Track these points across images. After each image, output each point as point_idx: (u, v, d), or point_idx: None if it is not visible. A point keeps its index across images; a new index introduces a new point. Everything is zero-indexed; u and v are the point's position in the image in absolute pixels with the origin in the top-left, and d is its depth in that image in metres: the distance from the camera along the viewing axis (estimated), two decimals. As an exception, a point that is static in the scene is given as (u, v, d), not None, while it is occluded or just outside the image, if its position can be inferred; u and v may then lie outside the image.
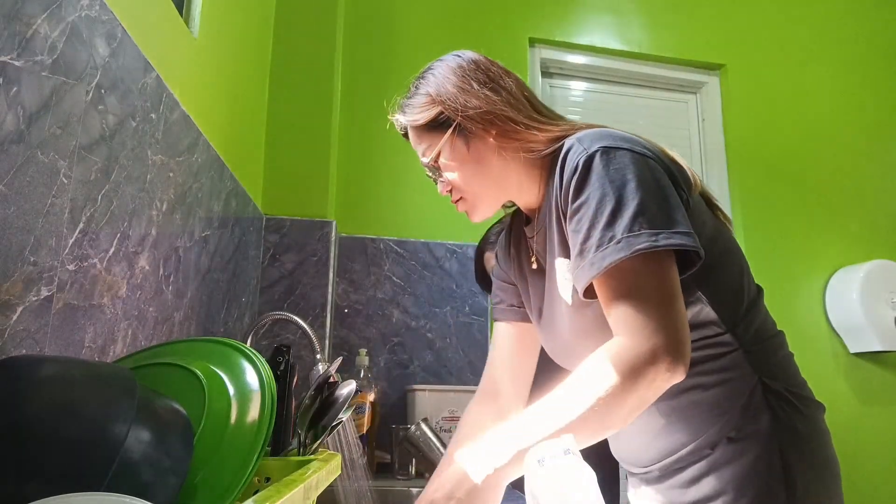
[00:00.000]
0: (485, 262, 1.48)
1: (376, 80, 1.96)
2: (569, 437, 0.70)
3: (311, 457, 0.75)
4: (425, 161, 0.87)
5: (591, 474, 0.74)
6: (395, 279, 1.83)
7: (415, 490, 1.30)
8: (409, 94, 0.89)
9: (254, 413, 0.54)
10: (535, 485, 0.72)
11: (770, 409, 0.74)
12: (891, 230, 2.25)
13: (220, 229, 1.20)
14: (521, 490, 1.05)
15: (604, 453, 0.90)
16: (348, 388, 0.81)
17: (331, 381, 0.83)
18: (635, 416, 0.69)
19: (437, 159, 0.85)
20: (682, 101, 2.34)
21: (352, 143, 1.90)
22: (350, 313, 1.77)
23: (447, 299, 1.84)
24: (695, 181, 0.79)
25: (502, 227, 1.05)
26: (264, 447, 0.52)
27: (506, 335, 1.01)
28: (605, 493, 0.86)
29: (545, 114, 0.85)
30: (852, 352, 2.10)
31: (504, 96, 0.82)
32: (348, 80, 1.92)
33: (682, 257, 0.71)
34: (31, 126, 0.55)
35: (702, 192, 0.81)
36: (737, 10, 2.35)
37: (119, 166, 0.74)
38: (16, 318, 0.54)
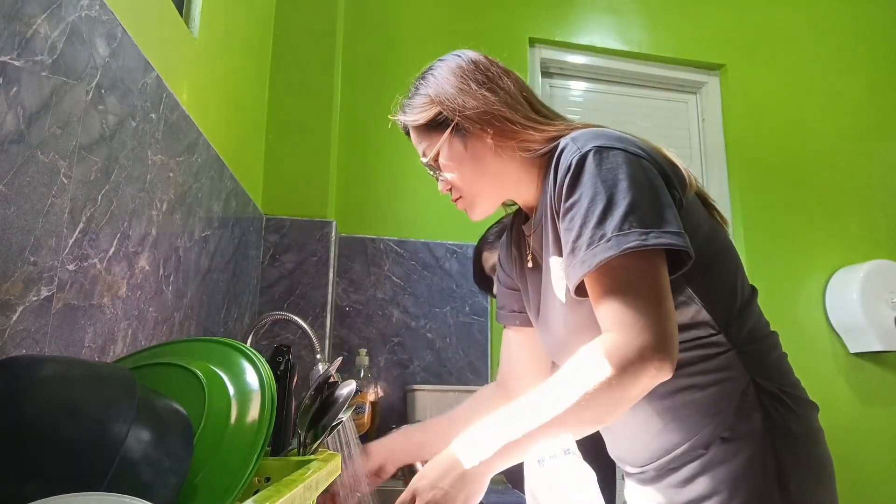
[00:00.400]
0: (483, 263, 1.48)
1: (376, 80, 1.96)
2: (569, 437, 0.71)
3: (311, 457, 0.75)
4: (425, 160, 0.89)
5: (590, 474, 0.74)
6: (395, 279, 1.83)
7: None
8: (410, 95, 0.90)
9: (254, 413, 0.54)
10: (535, 485, 0.72)
11: (763, 408, 0.74)
12: (891, 230, 2.25)
13: (220, 229, 1.20)
14: (522, 490, 1.06)
15: (601, 453, 0.91)
16: (348, 388, 0.81)
17: (331, 381, 0.83)
18: (621, 412, 0.70)
19: (436, 158, 0.87)
20: (682, 101, 2.34)
21: (352, 143, 1.90)
22: (350, 313, 1.77)
23: (447, 299, 1.84)
24: (690, 181, 0.80)
25: (501, 228, 1.05)
26: (264, 447, 0.52)
27: (513, 339, 1.03)
28: (604, 493, 0.86)
29: (543, 113, 0.86)
30: (852, 352, 2.10)
31: (502, 96, 0.83)
32: (348, 80, 1.92)
33: (673, 257, 0.71)
34: (31, 126, 0.55)
35: (698, 191, 0.82)
36: (737, 10, 2.35)
37: (119, 166, 0.74)
38: (16, 318, 0.54)
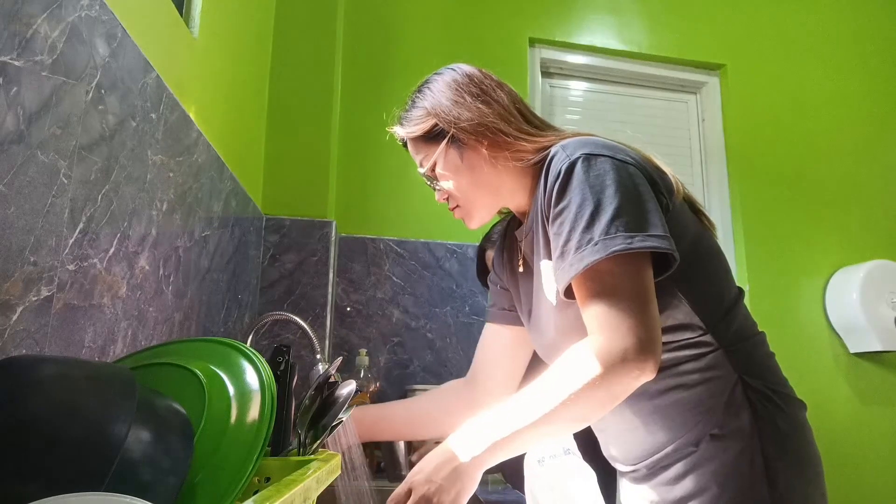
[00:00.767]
0: (486, 261, 1.49)
1: (376, 80, 1.96)
2: (566, 437, 0.71)
3: (311, 457, 0.75)
4: (423, 171, 0.92)
5: (590, 473, 0.75)
6: (395, 279, 1.83)
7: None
8: (407, 108, 0.93)
9: (254, 413, 0.54)
10: (535, 484, 0.73)
11: (751, 406, 0.76)
12: (891, 230, 2.25)
13: (220, 229, 1.20)
14: (522, 490, 1.06)
15: (601, 453, 0.91)
16: (348, 388, 0.81)
17: (331, 381, 0.83)
18: (607, 411, 0.71)
19: (433, 169, 0.90)
20: (682, 101, 2.34)
21: (352, 143, 1.90)
22: (350, 313, 1.77)
23: (447, 299, 1.84)
24: (678, 187, 0.83)
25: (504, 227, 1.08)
26: (264, 447, 0.52)
27: (492, 334, 1.05)
28: (604, 493, 0.86)
29: (535, 124, 0.89)
30: (852, 352, 2.10)
31: (496, 109, 0.86)
32: (348, 80, 1.92)
33: (659, 260, 0.73)
34: (31, 126, 0.55)
35: (685, 197, 0.85)
36: (737, 10, 2.35)
37: (119, 166, 0.74)
38: (16, 318, 0.54)
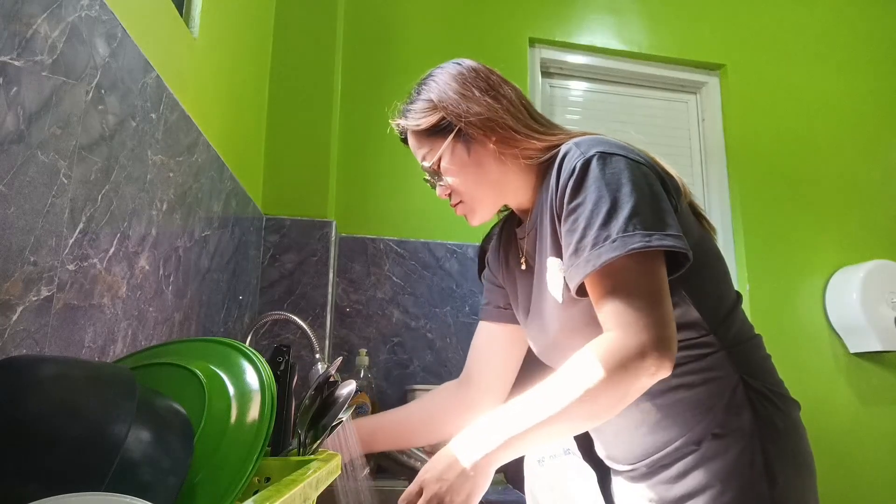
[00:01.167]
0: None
1: (376, 80, 1.96)
2: (568, 436, 0.71)
3: (311, 457, 0.75)
4: (426, 165, 0.89)
5: (590, 473, 0.74)
6: (395, 279, 1.83)
7: (415, 490, 1.29)
8: (411, 100, 0.91)
9: (254, 413, 0.54)
10: (535, 485, 0.73)
11: (752, 405, 0.77)
12: (891, 230, 2.25)
13: (220, 229, 1.20)
14: (522, 490, 1.06)
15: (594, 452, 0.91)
16: (348, 388, 0.81)
17: (331, 381, 0.83)
18: (621, 409, 0.71)
19: (438, 164, 0.88)
20: (682, 101, 2.34)
21: (352, 143, 1.90)
22: (350, 313, 1.77)
23: (447, 299, 1.84)
24: (684, 190, 0.83)
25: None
26: (264, 447, 0.52)
27: (487, 332, 1.05)
28: (604, 492, 0.86)
29: (542, 122, 0.89)
30: (852, 352, 2.10)
31: (504, 104, 0.85)
32: (348, 80, 1.92)
33: (670, 260, 0.74)
34: (31, 126, 0.55)
35: (689, 201, 0.85)
36: (737, 10, 2.35)
37: (119, 166, 0.74)
38: (16, 318, 0.54)
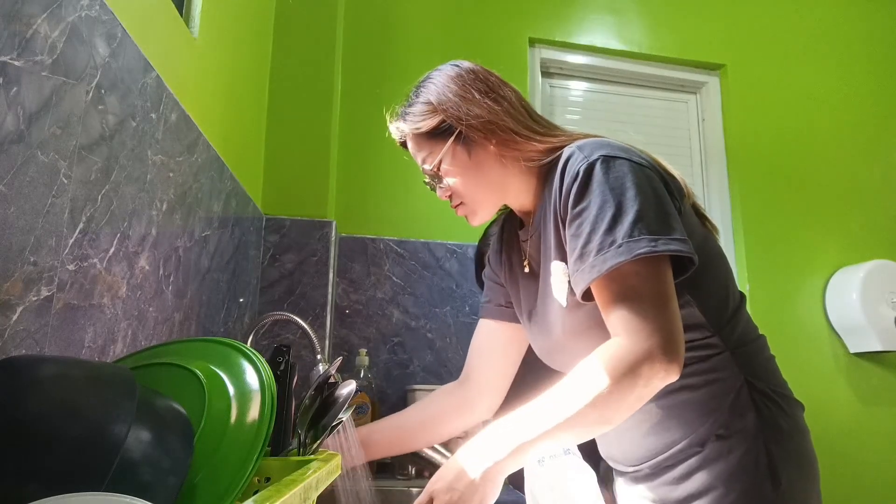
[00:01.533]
0: (485, 262, 1.48)
1: (376, 80, 1.96)
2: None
3: (311, 457, 0.75)
4: (427, 168, 0.89)
5: (591, 473, 0.74)
6: (395, 279, 1.83)
7: (415, 490, 1.30)
8: (409, 103, 0.90)
9: (254, 413, 0.54)
10: (535, 485, 0.72)
11: (755, 407, 0.77)
12: (891, 230, 2.25)
13: (220, 229, 1.20)
14: (522, 490, 1.06)
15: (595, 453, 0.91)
16: (348, 388, 0.81)
17: (331, 381, 0.83)
18: (630, 414, 0.71)
19: (438, 167, 0.87)
20: (682, 101, 2.34)
21: (352, 143, 1.90)
22: (350, 313, 1.77)
23: (447, 299, 1.84)
24: (687, 191, 0.83)
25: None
26: (264, 447, 0.52)
27: (487, 331, 1.05)
28: (604, 492, 0.86)
29: (542, 123, 0.88)
30: (852, 352, 2.10)
31: (504, 106, 0.84)
32: (348, 80, 1.92)
33: (675, 263, 0.73)
34: (31, 126, 0.55)
35: (692, 202, 0.85)
36: (737, 10, 2.35)
37: (119, 166, 0.74)
38: (16, 318, 0.54)
